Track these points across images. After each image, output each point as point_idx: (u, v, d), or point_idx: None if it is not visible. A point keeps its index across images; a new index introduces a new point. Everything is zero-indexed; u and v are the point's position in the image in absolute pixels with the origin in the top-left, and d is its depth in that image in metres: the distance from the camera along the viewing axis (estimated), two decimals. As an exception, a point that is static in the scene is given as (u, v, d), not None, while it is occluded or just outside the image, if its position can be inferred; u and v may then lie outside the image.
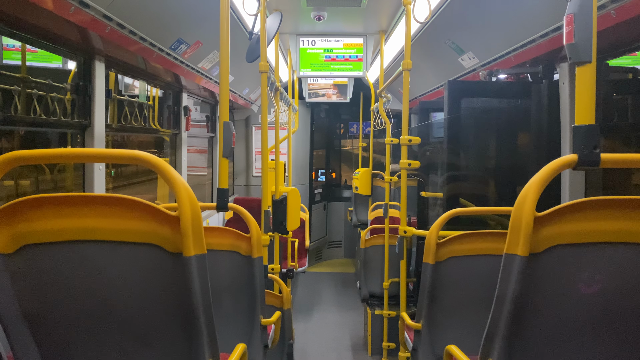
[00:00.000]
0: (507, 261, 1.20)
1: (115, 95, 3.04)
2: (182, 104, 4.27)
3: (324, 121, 8.00)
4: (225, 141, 1.90)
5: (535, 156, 2.99)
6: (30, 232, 1.20)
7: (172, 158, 4.32)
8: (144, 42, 2.66)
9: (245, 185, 7.13)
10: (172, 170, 1.19)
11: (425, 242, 2.10)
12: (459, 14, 3.06)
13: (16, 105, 2.16)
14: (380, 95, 3.89)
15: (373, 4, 3.63)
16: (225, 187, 1.92)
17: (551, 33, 2.44)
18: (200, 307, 1.21)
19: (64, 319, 1.27)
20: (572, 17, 1.17)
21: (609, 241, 1.19)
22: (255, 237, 2.19)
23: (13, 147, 2.50)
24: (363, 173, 5.97)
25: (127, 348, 1.29)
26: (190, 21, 3.01)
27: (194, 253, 1.17)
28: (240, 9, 3.12)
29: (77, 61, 2.58)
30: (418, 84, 5.04)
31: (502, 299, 1.21)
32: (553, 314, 1.26)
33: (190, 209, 1.17)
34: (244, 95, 5.59)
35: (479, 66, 3.42)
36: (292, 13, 3.92)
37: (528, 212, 1.16)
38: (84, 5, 2.02)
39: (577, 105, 1.20)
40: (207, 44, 3.41)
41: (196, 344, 1.25)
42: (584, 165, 1.17)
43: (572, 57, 1.19)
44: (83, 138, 2.65)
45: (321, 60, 4.83)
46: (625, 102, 2.61)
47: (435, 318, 2.16)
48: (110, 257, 1.22)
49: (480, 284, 1.99)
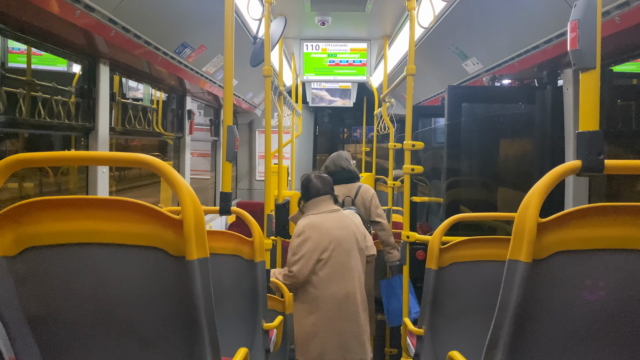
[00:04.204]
0: (510, 267, 1.19)
1: (120, 99, 3.05)
2: (185, 108, 4.28)
3: (327, 126, 8.01)
4: (229, 145, 1.90)
5: (539, 162, 2.99)
6: (34, 234, 1.21)
7: (176, 162, 4.33)
8: (149, 46, 2.67)
9: (248, 189, 7.14)
10: (175, 173, 1.19)
11: (428, 247, 2.10)
12: (463, 19, 3.06)
13: (21, 108, 2.17)
14: (384, 100, 3.89)
15: (377, 9, 3.64)
16: (228, 191, 1.92)
17: (555, 39, 2.44)
18: (202, 310, 1.21)
19: (67, 321, 1.27)
20: (577, 23, 1.17)
21: (613, 248, 1.19)
22: (258, 241, 2.18)
23: (17, 149, 2.51)
24: (366, 178, 5.97)
25: (129, 351, 1.29)
26: (194, 25, 3.02)
27: (196, 257, 1.17)
28: (245, 13, 3.13)
29: (82, 64, 2.59)
30: (422, 89, 5.05)
31: (505, 305, 1.21)
32: (556, 321, 1.25)
33: (193, 213, 1.17)
34: (247, 99, 5.60)
35: (483, 71, 3.42)
36: (296, 17, 3.93)
37: (531, 218, 1.15)
38: (90, 9, 2.03)
39: (581, 111, 1.19)
40: (211, 48, 3.42)
41: (198, 347, 1.25)
42: (588, 171, 1.16)
43: (577, 63, 1.19)
44: (87, 141, 2.66)
45: (325, 65, 4.84)
46: (629, 108, 2.60)
47: (438, 324, 2.15)
48: (113, 260, 1.22)
49: (483, 290, 1.98)
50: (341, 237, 2.82)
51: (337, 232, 2.82)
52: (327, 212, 2.90)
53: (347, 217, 2.97)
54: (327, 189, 2.97)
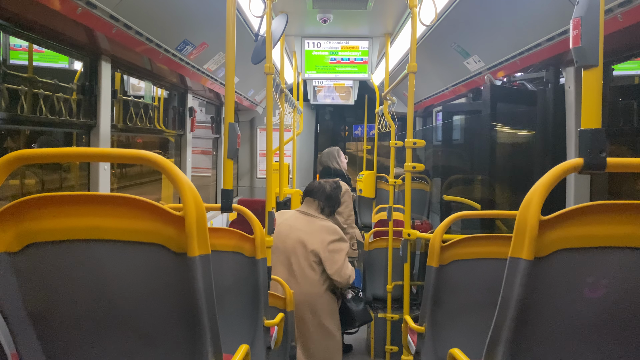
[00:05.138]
0: (512, 265, 1.19)
1: (121, 96, 3.05)
2: (187, 105, 4.28)
3: (328, 123, 8.00)
4: (230, 142, 1.90)
5: (541, 159, 2.99)
6: (36, 231, 1.21)
7: (177, 159, 4.33)
8: (150, 43, 2.67)
9: (250, 187, 7.14)
10: (177, 170, 1.19)
11: (430, 245, 2.10)
12: (464, 17, 3.06)
13: (23, 104, 2.17)
14: (385, 98, 3.88)
15: (379, 7, 3.63)
16: (229, 188, 1.93)
17: (557, 37, 2.44)
18: (203, 307, 1.21)
19: (68, 317, 1.27)
20: (579, 20, 1.16)
21: (615, 246, 1.19)
22: (259, 238, 2.19)
23: (19, 146, 2.51)
24: (367, 176, 5.97)
25: (131, 347, 1.30)
26: (196, 23, 3.02)
27: (198, 253, 1.17)
28: (246, 10, 3.13)
29: (84, 61, 2.59)
30: (423, 87, 5.04)
31: (506, 302, 1.21)
32: (558, 319, 1.25)
33: (195, 210, 1.17)
34: (249, 97, 5.60)
35: (485, 69, 3.41)
36: (297, 15, 3.93)
37: (533, 215, 1.15)
38: (91, 5, 2.03)
39: (583, 109, 1.19)
40: (213, 45, 3.42)
41: (199, 344, 1.25)
42: (589, 169, 1.16)
43: (579, 61, 1.19)
44: (89, 138, 2.66)
45: (326, 63, 4.83)
46: (631, 106, 2.60)
47: (439, 321, 2.15)
48: (114, 256, 1.23)
49: (484, 287, 1.98)
50: (287, 235, 3.11)
51: (288, 229, 3.12)
52: (298, 211, 3.30)
53: (304, 222, 3.18)
54: (314, 194, 3.31)
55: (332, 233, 3.13)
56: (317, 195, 3.29)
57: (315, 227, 3.14)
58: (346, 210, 4.19)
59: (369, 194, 5.97)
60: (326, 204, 3.29)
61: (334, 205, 3.37)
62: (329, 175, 4.46)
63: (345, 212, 4.19)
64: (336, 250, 3.10)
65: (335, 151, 4.76)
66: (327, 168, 4.64)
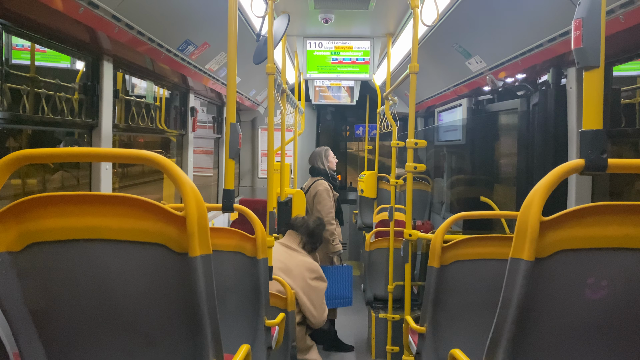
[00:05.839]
0: (513, 266, 1.19)
1: (123, 96, 3.06)
2: (189, 105, 4.29)
3: (330, 123, 7.99)
4: (232, 142, 1.90)
5: (542, 160, 2.98)
6: (37, 230, 1.21)
7: (179, 159, 4.33)
8: (152, 43, 2.68)
9: (251, 187, 7.15)
10: (179, 170, 1.20)
11: (431, 245, 2.10)
12: (466, 17, 3.06)
13: (25, 104, 2.18)
14: (387, 98, 3.88)
15: (381, 7, 3.63)
16: (231, 188, 1.93)
17: (559, 37, 2.43)
18: (205, 307, 1.21)
19: (70, 317, 1.28)
20: (581, 21, 1.16)
21: (616, 247, 1.19)
22: (260, 238, 2.19)
23: (21, 146, 2.51)
24: (368, 176, 5.96)
25: (132, 346, 1.30)
26: (198, 22, 3.02)
27: (199, 253, 1.17)
28: (248, 10, 3.13)
29: (86, 61, 2.59)
30: (425, 87, 5.04)
31: (507, 303, 1.21)
32: (558, 319, 1.25)
33: (196, 209, 1.17)
34: (250, 97, 5.60)
35: (487, 70, 3.41)
36: (299, 15, 3.93)
37: (534, 216, 1.15)
38: (93, 5, 2.03)
39: (585, 110, 1.19)
40: (215, 45, 3.43)
41: (200, 344, 1.25)
42: (591, 170, 1.16)
43: (580, 62, 1.18)
44: (90, 138, 2.67)
45: (328, 63, 4.83)
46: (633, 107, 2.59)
47: (440, 322, 2.15)
48: (116, 256, 1.23)
49: (485, 288, 1.98)
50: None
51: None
52: (280, 242, 3.32)
53: (285, 255, 3.17)
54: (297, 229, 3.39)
55: (312, 271, 3.15)
56: (300, 230, 3.37)
57: (296, 261, 3.15)
58: (324, 208, 4.70)
59: (370, 194, 5.97)
60: (308, 240, 3.36)
61: (316, 243, 3.44)
62: (315, 173, 5.08)
63: (324, 210, 4.69)
64: (314, 289, 3.13)
65: (322, 151, 5.18)
66: (313, 167, 5.16)
